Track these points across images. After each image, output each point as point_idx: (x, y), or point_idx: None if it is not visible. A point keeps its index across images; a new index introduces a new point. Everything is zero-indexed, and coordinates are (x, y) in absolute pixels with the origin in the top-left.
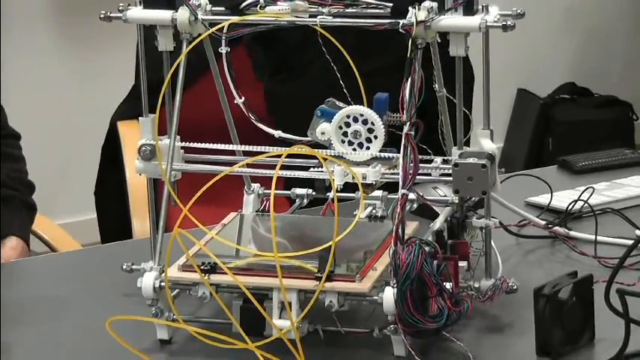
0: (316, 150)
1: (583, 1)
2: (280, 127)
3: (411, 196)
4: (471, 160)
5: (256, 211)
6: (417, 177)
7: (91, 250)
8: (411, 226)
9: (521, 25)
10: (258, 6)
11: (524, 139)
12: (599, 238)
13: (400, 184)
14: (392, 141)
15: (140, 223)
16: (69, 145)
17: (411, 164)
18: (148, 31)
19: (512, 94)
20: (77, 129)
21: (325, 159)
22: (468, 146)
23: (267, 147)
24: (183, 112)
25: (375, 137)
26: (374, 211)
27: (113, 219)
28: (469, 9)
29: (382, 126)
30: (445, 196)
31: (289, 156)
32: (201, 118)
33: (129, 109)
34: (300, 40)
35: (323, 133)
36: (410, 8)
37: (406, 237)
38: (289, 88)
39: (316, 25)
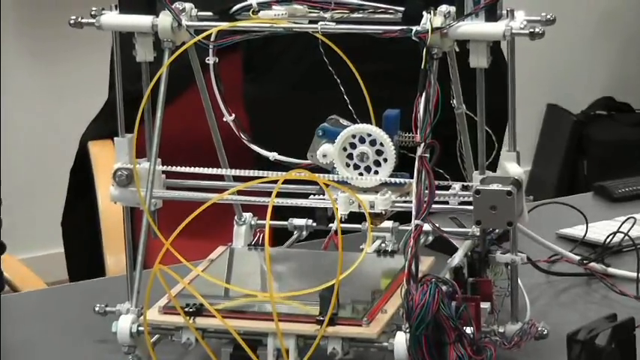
0: (317, 175)
1: (622, 4)
2: (259, 135)
3: (426, 227)
4: (494, 186)
5: (248, 245)
6: (433, 206)
7: (58, 290)
8: (425, 262)
9: (551, 32)
10: (251, 10)
11: (555, 162)
12: None
13: (413, 213)
14: (404, 165)
15: (114, 258)
16: (32, 169)
17: (426, 191)
18: (125, 39)
19: (542, 111)
20: (42, 150)
21: (327, 185)
22: (492, 170)
23: (260, 171)
24: (164, 130)
25: (385, 160)
26: (383, 244)
27: (83, 253)
28: (492, 14)
29: (393, 147)
30: (465, 227)
31: (286, 182)
32: (185, 137)
33: (101, 128)
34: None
35: (325, 156)
36: (424, 13)
37: (420, 274)
38: (259, 88)
39: (317, 32)
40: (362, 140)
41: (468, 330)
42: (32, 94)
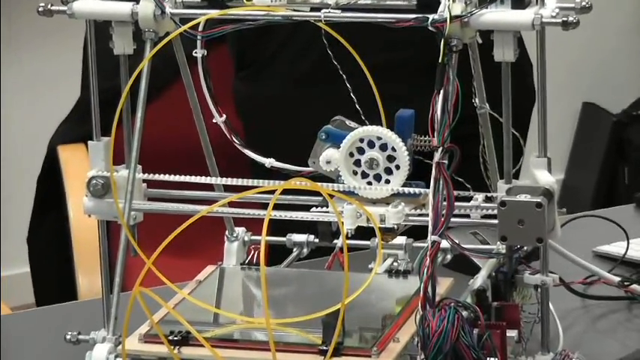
0: (320, 184)
1: None
2: (253, 140)
3: (444, 244)
4: (522, 197)
5: (241, 264)
6: (452, 219)
7: (24, 315)
8: (444, 284)
9: (587, 21)
10: None
11: (591, 170)
12: None
13: (430, 228)
14: (419, 172)
15: (88, 279)
16: None
17: (444, 203)
18: (101, 29)
19: (577, 111)
20: (4, 155)
21: (332, 196)
22: (519, 179)
23: (256, 180)
24: (145, 133)
25: (397, 167)
26: (395, 264)
27: (52, 274)
28: (519, 1)
29: (406, 152)
30: (488, 244)
31: (285, 192)
32: (170, 141)
33: (73, 130)
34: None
35: (329, 162)
36: (442, 0)
37: (437, 298)
38: (250, 87)
39: (320, 20)
40: (371, 144)
41: None
42: None
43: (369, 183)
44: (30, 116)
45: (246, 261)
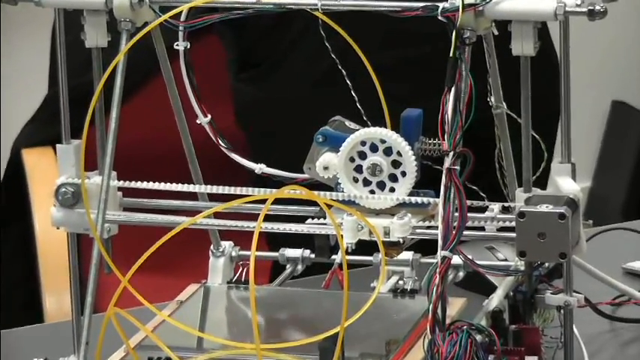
0: (316, 192)
1: None
2: (252, 150)
3: (456, 260)
4: (543, 207)
5: (228, 282)
6: (465, 232)
7: None
8: (455, 305)
9: (616, 11)
10: None
11: (621, 177)
12: None
13: (440, 242)
14: (427, 179)
15: (55, 298)
16: None
17: (456, 214)
18: (71, 19)
19: (605, 110)
20: None
21: (330, 206)
22: (540, 187)
23: (244, 188)
24: (121, 135)
25: (403, 174)
26: (401, 282)
27: (15, 293)
28: None
29: (413, 157)
30: (506, 260)
31: (277, 201)
32: (148, 144)
33: (39, 132)
34: (272, 22)
35: (326, 168)
36: None
37: (448, 320)
38: (259, 89)
39: (317, 9)
40: (374, 148)
41: None
42: None
43: (372, 191)
44: None
45: (234, 279)
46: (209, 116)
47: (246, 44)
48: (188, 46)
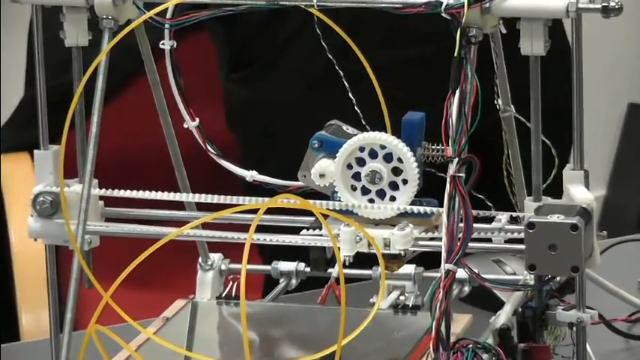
0: (311, 202)
1: None
2: (243, 155)
3: (461, 274)
4: (553, 217)
5: (217, 298)
6: (470, 244)
7: None
8: (460, 322)
9: (632, 8)
10: None
11: (638, 184)
12: None
13: (443, 255)
14: (430, 188)
15: (32, 315)
16: None
17: (461, 224)
18: (49, 16)
19: (621, 113)
20: None
21: (326, 216)
22: (551, 196)
23: (233, 197)
24: (102, 140)
25: (404, 182)
26: (402, 297)
27: None
28: None
29: (415, 164)
30: (514, 274)
31: (269, 211)
32: (131, 150)
33: (15, 136)
34: (266, 19)
35: (322, 175)
36: None
37: (453, 338)
38: (251, 90)
39: (312, 6)
40: (373, 154)
41: None
42: None
43: (371, 200)
44: None
45: (224, 294)
46: (197, 120)
47: (238, 42)
48: (174, 45)
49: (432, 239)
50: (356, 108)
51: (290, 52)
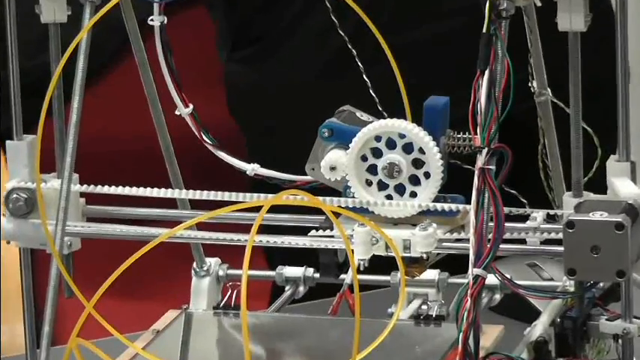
0: (321, 198)
1: None
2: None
3: (491, 279)
4: (596, 215)
5: (214, 308)
6: (502, 246)
7: None
8: (491, 334)
9: None
10: None
11: None
12: None
13: (471, 258)
14: (456, 182)
15: (8, 327)
16: None
17: (491, 223)
18: None
19: None
20: None
21: (338, 214)
22: (594, 191)
23: (232, 193)
24: (83, 129)
25: (427, 175)
26: (424, 307)
27: None
28: None
29: (439, 155)
30: (552, 279)
31: (274, 209)
32: (115, 140)
33: None
34: None
35: (333, 168)
36: None
37: (482, 353)
38: (255, 72)
39: None
40: (391, 144)
41: None
42: None
43: (389, 197)
44: None
45: (222, 303)
46: (191, 106)
47: (240, 18)
48: (165, 22)
49: (457, 240)
50: (371, 92)
51: (298, 31)
